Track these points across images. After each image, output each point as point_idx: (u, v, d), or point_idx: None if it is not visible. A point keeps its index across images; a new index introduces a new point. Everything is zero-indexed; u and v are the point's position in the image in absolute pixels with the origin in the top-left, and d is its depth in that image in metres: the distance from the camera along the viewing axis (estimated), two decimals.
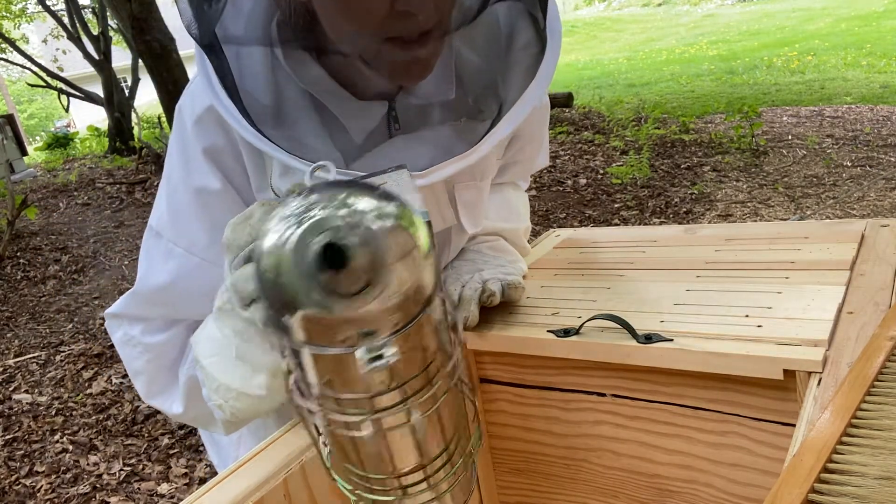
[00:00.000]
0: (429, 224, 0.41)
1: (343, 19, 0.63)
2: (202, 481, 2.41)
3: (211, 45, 0.65)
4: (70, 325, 3.91)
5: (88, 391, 3.11)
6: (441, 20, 0.63)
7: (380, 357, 0.40)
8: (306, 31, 0.67)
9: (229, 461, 0.93)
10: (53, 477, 2.51)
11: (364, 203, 0.37)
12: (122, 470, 2.51)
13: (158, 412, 2.86)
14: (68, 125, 15.97)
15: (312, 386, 0.44)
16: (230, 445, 0.93)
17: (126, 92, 9.82)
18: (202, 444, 2.56)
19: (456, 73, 0.75)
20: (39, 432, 2.81)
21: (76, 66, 14.02)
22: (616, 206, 4.69)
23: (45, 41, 12.61)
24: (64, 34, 9.90)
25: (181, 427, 2.75)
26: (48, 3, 10.41)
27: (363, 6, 0.60)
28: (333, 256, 0.35)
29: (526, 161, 0.98)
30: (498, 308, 0.87)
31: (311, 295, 0.36)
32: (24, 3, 11.78)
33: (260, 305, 0.53)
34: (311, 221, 0.36)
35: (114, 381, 3.15)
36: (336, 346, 0.40)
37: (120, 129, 9.52)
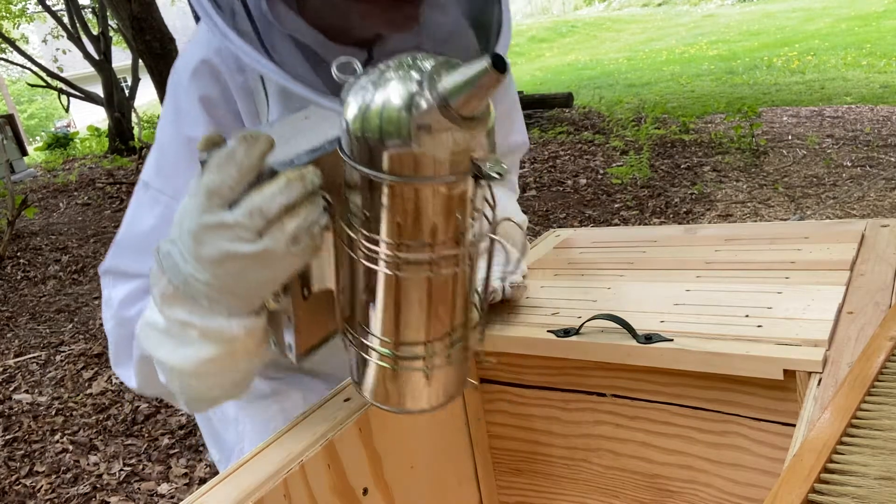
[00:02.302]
0: None
1: None
2: (202, 481, 2.41)
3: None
4: (70, 325, 3.91)
5: (88, 391, 3.11)
6: None
7: (499, 174, 0.47)
8: None
9: (232, 458, 0.93)
10: (53, 477, 2.51)
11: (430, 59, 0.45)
12: (122, 470, 2.51)
13: (159, 412, 2.86)
14: (68, 125, 15.98)
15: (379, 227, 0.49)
16: (233, 442, 0.93)
17: (126, 92, 9.82)
18: (202, 444, 2.56)
19: (425, 25, 0.79)
20: (39, 432, 2.81)
21: (76, 66, 14.02)
22: (616, 206, 4.69)
23: (45, 41, 12.61)
24: (64, 34, 9.90)
25: (181, 427, 2.75)
26: (48, 3, 10.41)
27: None
28: (496, 64, 0.39)
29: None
30: (498, 308, 0.87)
31: (443, 119, 0.42)
32: (24, 3, 11.78)
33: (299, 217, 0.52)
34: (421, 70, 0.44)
35: (114, 381, 3.15)
36: (455, 172, 0.46)
37: (120, 129, 9.52)
